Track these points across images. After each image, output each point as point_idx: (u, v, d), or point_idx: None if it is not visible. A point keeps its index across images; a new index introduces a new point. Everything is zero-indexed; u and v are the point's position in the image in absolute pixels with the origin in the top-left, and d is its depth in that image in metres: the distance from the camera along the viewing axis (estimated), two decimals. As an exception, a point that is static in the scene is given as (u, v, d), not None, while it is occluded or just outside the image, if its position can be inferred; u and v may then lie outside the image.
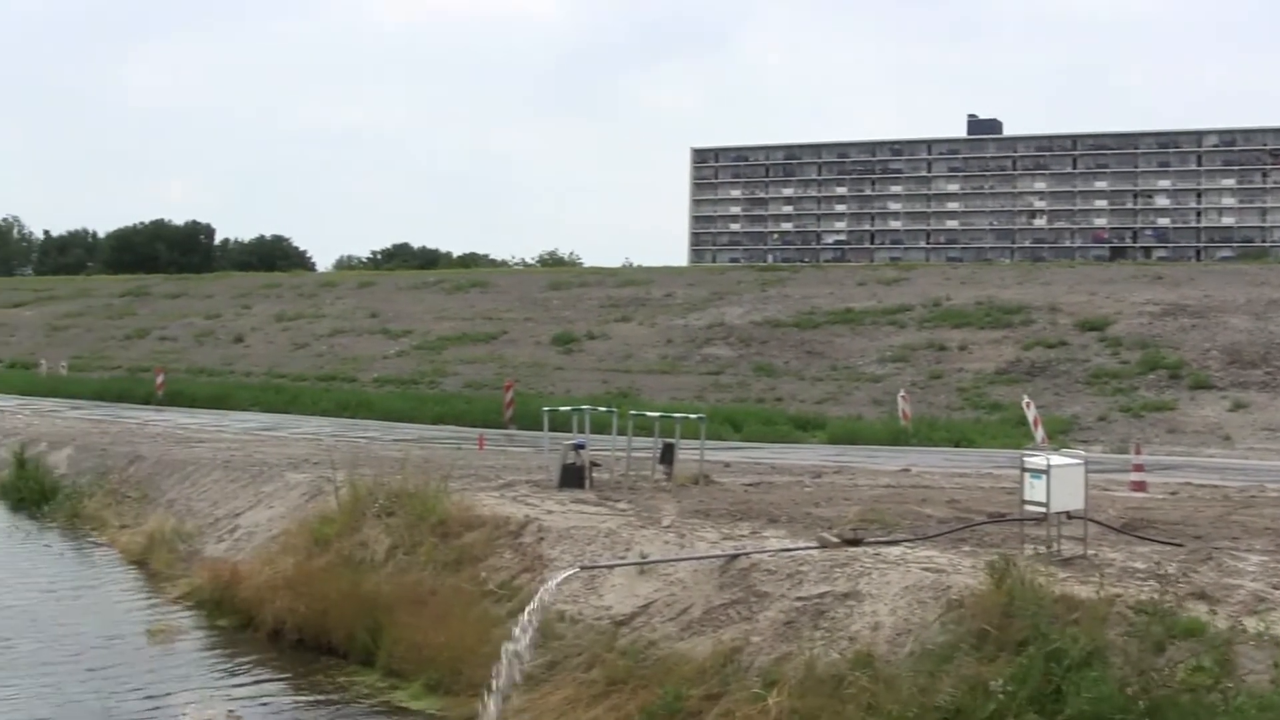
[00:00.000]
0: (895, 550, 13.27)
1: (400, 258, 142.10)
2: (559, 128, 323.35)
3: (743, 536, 14.62)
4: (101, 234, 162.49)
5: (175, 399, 49.48)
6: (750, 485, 20.27)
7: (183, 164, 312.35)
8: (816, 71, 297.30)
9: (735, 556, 13.27)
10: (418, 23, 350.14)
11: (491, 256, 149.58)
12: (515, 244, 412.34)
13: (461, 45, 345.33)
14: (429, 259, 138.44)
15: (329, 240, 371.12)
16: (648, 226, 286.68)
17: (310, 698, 14.13)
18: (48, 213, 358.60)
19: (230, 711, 12.69)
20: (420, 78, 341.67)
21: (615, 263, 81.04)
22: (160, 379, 51.64)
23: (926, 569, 12.17)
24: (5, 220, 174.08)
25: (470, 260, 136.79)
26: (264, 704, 13.90)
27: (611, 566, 13.94)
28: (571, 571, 13.54)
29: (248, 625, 16.84)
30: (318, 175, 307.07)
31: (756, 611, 12.24)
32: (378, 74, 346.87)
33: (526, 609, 12.61)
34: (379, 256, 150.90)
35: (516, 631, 12.27)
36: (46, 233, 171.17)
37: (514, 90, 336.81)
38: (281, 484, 21.87)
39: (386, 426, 38.62)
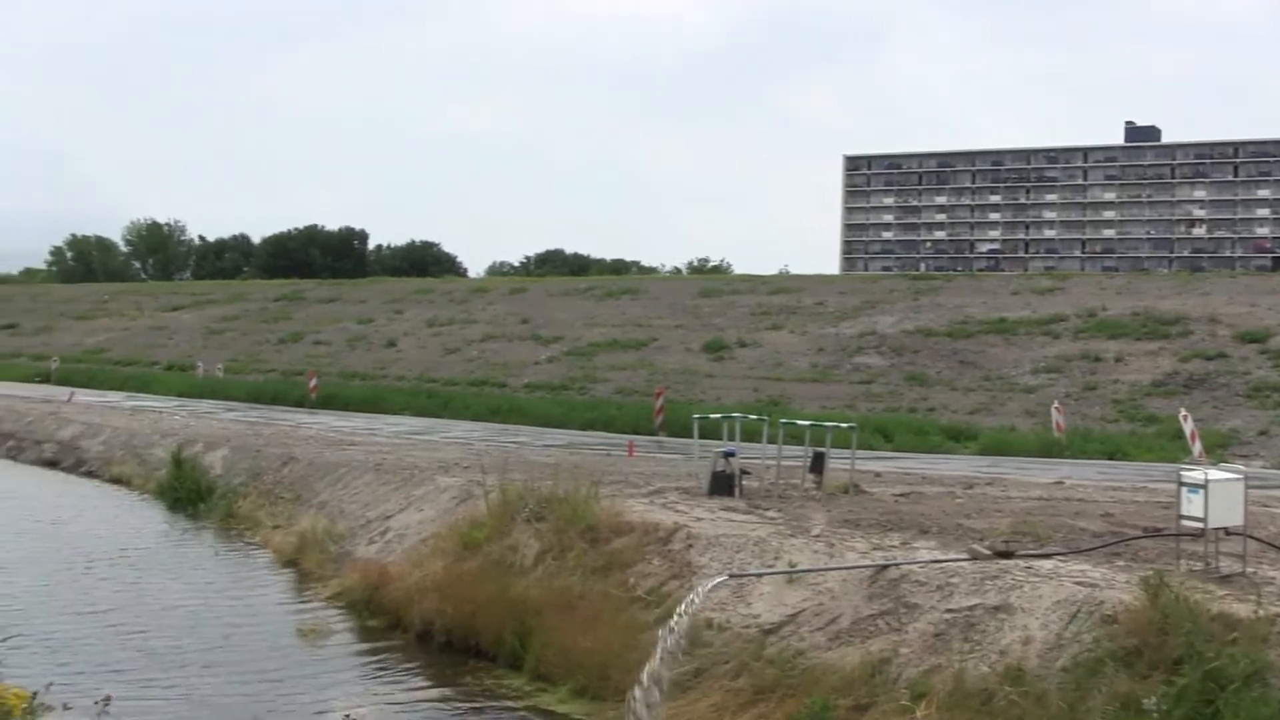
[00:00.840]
0: (1047, 564, 13.12)
1: (552, 264, 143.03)
2: (708, 133, 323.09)
3: (893, 547, 14.54)
4: (257, 239, 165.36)
5: (328, 402, 50.27)
6: (901, 495, 20.12)
7: (337, 170, 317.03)
8: (969, 77, 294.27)
9: (885, 567, 13.21)
10: (564, 26, 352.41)
11: (642, 263, 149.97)
12: (666, 251, 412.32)
13: (611, 48, 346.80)
14: (580, 265, 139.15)
15: (479, 246, 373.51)
16: (799, 234, 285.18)
17: (457, 699, 14.28)
18: (205, 218, 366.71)
19: (347, 716, 12.83)
20: (567, 82, 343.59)
21: (766, 270, 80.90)
22: (314, 382, 52.45)
23: (1079, 583, 12.01)
24: (166, 225, 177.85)
25: (621, 267, 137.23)
26: (412, 705, 14.07)
27: (760, 575, 13.93)
28: (720, 579, 13.54)
29: (397, 626, 17.06)
30: (468, 181, 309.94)
31: (906, 623, 12.18)
32: (525, 78, 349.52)
33: (674, 615, 12.66)
34: (531, 262, 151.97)
35: (664, 638, 12.32)
36: (203, 238, 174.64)
37: (661, 95, 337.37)
38: (432, 487, 22.11)
39: (537, 432, 38.88)
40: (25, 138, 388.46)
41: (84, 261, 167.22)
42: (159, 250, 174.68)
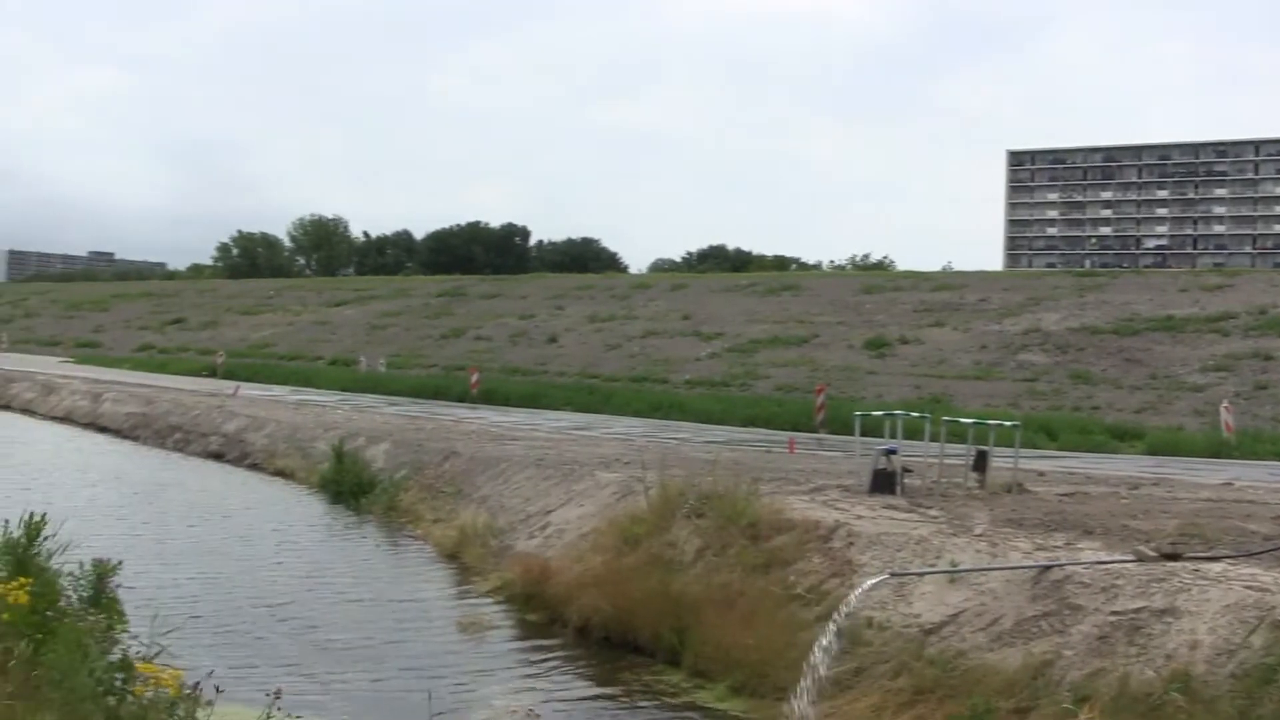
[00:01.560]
0: (1216, 567, 12.88)
1: (714, 260, 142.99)
2: (871, 128, 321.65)
3: (1056, 547, 14.38)
4: (419, 236, 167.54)
5: (489, 397, 50.81)
6: (1065, 495, 19.88)
7: (500, 167, 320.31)
8: (1135, 70, 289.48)
9: (1048, 568, 13.08)
10: (729, 21, 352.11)
11: (803, 259, 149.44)
12: (828, 247, 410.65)
13: (774, 44, 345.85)
14: (742, 261, 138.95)
15: (640, 242, 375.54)
16: (962, 230, 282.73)
17: (616, 695, 14.38)
18: (368, 215, 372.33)
19: (531, 711, 12.95)
20: (733, 77, 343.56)
21: (928, 266, 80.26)
22: (475, 377, 53.06)
23: (1250, 587, 11.79)
24: (331, 222, 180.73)
25: (783, 263, 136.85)
26: (570, 699, 14.20)
27: (921, 574, 13.87)
28: (881, 578, 13.52)
29: (556, 621, 17.21)
30: (631, 177, 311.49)
31: (1069, 625, 12.05)
32: (691, 74, 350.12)
33: (835, 614, 12.65)
34: (692, 258, 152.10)
35: (824, 636, 12.32)
36: (367, 234, 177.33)
37: (824, 90, 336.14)
38: (592, 483, 22.27)
39: (697, 428, 38.99)
40: (193, 136, 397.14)
41: (250, 258, 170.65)
42: (323, 246, 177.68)
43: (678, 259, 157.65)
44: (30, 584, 9.42)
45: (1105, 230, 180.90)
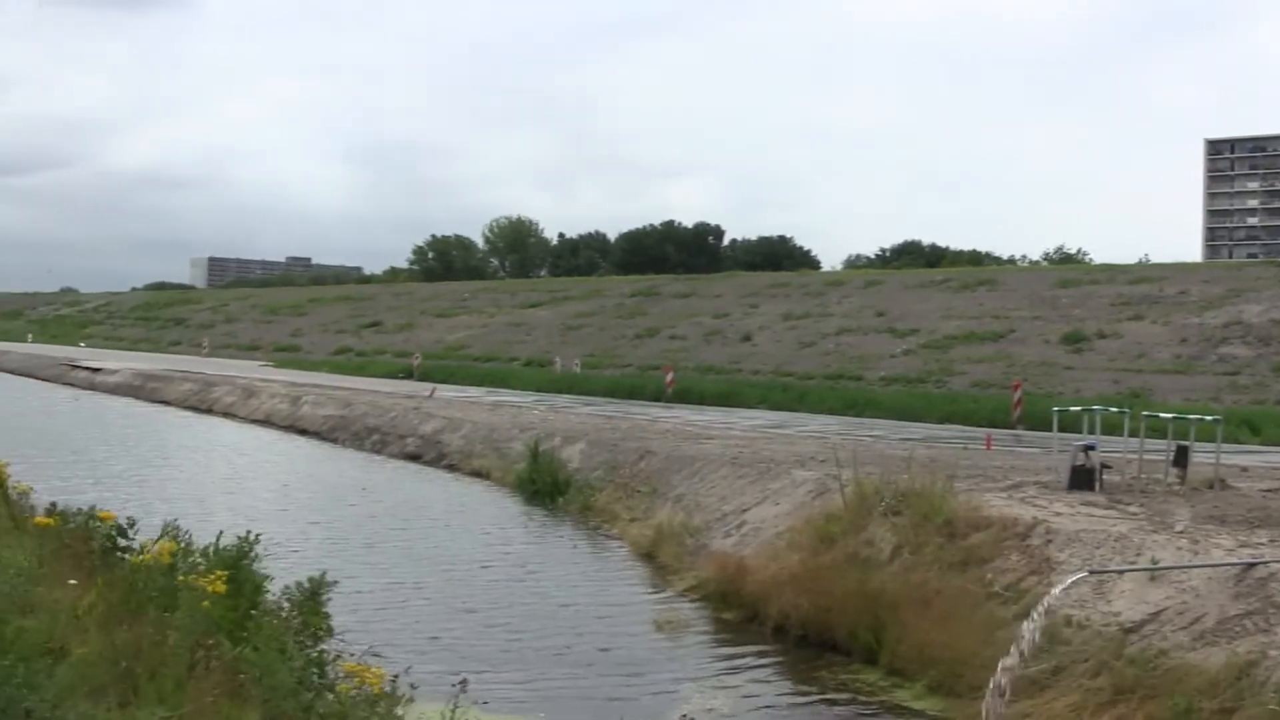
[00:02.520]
0: None
1: (908, 255, 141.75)
2: (1061, 121, 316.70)
3: (1260, 545, 14.18)
4: (612, 236, 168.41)
5: (684, 396, 51.11)
6: (1269, 491, 19.52)
7: (692, 166, 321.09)
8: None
9: (1252, 565, 12.91)
10: (922, 14, 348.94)
11: (997, 254, 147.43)
12: (1021, 241, 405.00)
13: (967, 36, 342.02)
14: (936, 257, 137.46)
15: (833, 239, 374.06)
16: (1159, 221, 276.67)
17: (812, 693, 14.47)
18: (562, 216, 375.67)
19: (684, 716, 13.07)
20: (920, 73, 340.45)
21: (1125, 259, 78.64)
22: (670, 376, 53.40)
23: None
24: (524, 223, 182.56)
25: (977, 258, 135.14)
26: (767, 698, 14.31)
27: (1121, 572, 13.76)
28: (1080, 575, 13.43)
29: (752, 619, 17.33)
30: (824, 174, 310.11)
31: (1275, 624, 11.87)
32: (879, 70, 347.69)
33: (1033, 612, 12.61)
34: (886, 254, 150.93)
35: (1022, 635, 12.29)
36: (561, 235, 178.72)
37: (1013, 82, 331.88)
38: (788, 481, 22.34)
39: (893, 425, 38.88)
40: (387, 140, 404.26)
41: (445, 260, 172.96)
42: (517, 248, 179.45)
43: (871, 255, 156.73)
44: (226, 576, 9.77)
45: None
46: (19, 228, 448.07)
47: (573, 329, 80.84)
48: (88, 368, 74.36)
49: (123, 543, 10.53)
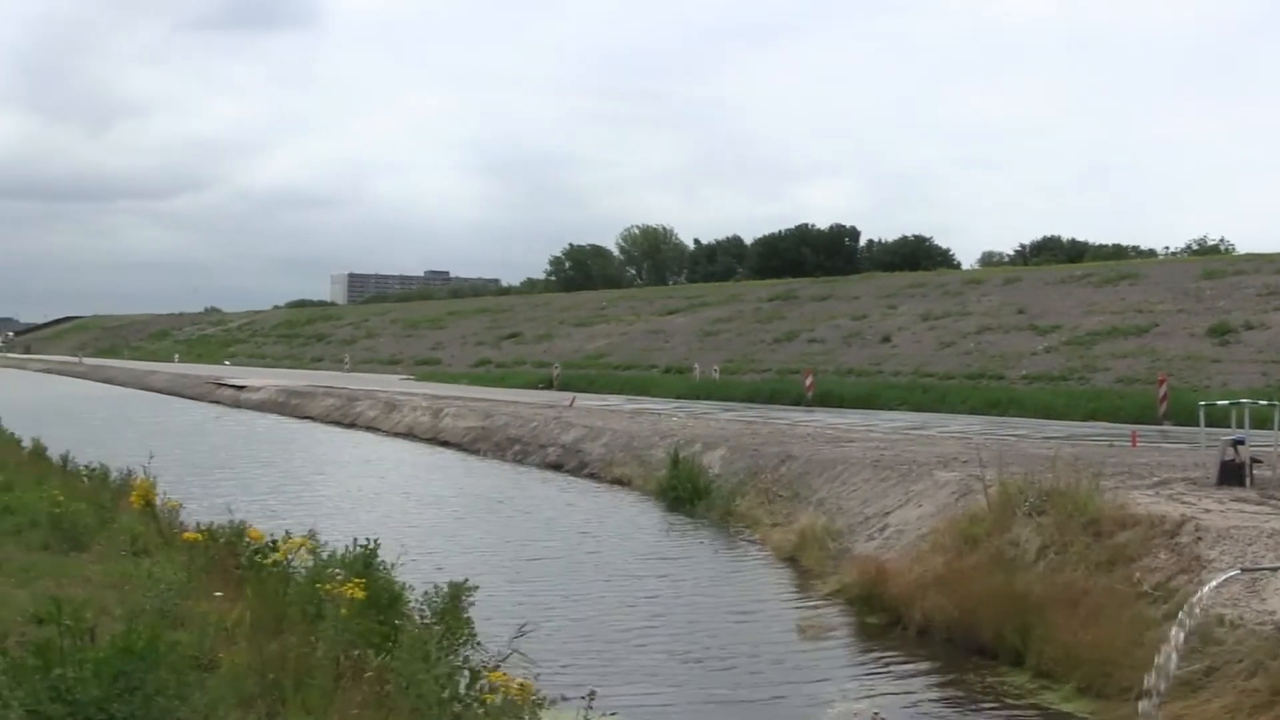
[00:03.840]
0: None
1: (1048, 251, 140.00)
2: (1205, 110, 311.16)
3: None
4: (748, 241, 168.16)
5: (824, 399, 51.00)
6: None
7: (828, 166, 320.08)
8: None
9: None
10: (1054, 7, 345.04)
11: (1139, 247, 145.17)
12: (1162, 232, 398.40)
13: (1101, 29, 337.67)
14: (1076, 252, 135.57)
15: (972, 237, 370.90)
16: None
17: (958, 697, 14.34)
18: (697, 222, 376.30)
19: (876, 714, 12.98)
20: (1059, 65, 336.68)
21: (1269, 248, 76.86)
22: (809, 380, 53.27)
23: None
24: (659, 230, 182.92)
25: (1118, 252, 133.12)
26: (912, 701, 14.20)
27: (1275, 569, 13.49)
28: (1231, 573, 13.18)
29: (896, 623, 17.20)
30: (961, 170, 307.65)
31: None
32: (1015, 65, 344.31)
33: (1183, 612, 12.40)
34: (1025, 251, 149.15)
35: (1173, 635, 12.10)
36: (697, 241, 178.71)
37: (1155, 72, 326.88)
38: (930, 482, 22.19)
39: (1036, 424, 38.47)
40: (522, 151, 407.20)
41: (582, 270, 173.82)
42: (653, 255, 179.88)
43: (1008, 253, 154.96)
44: (363, 584, 9.90)
45: None
46: (164, 250, 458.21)
47: (711, 335, 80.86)
48: (233, 385, 75.83)
49: (268, 557, 10.71)
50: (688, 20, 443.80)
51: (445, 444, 44.91)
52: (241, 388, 73.89)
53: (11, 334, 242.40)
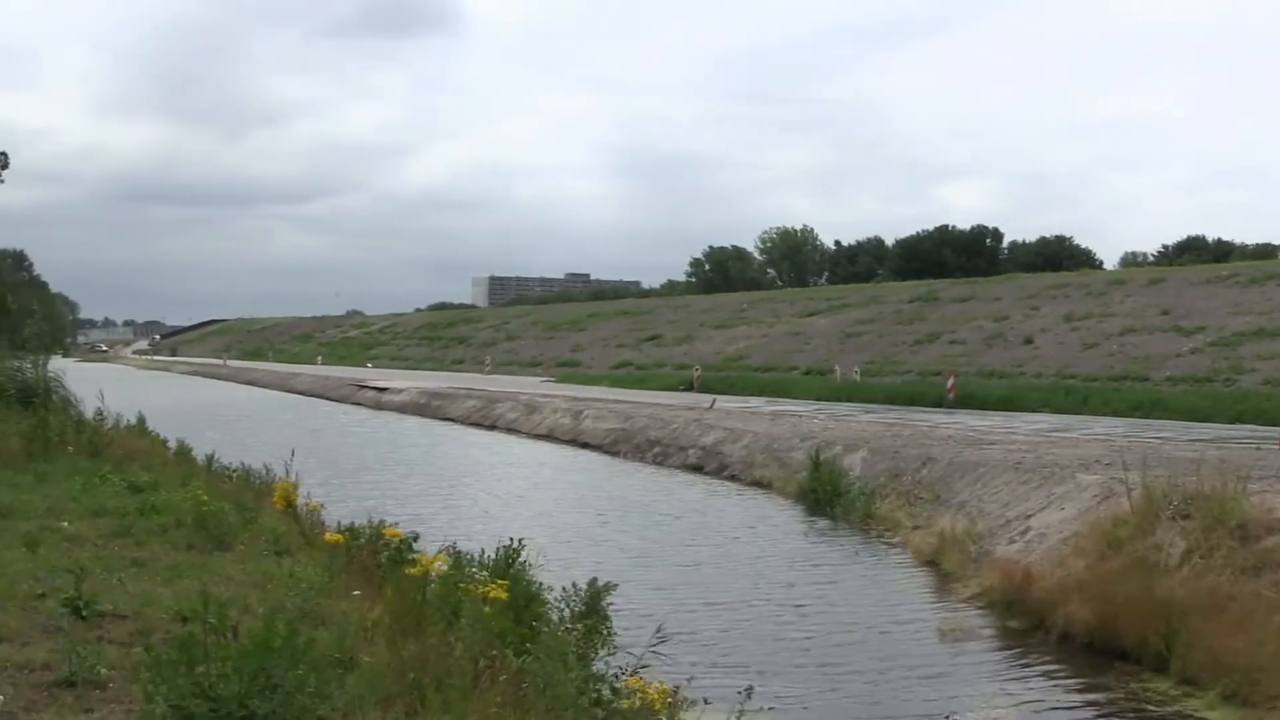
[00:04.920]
0: None
1: (1193, 251, 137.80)
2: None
3: None
4: (889, 242, 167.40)
5: (965, 401, 50.57)
6: None
7: (969, 167, 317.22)
8: None
9: None
10: (1194, 5, 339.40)
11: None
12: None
13: (1246, 24, 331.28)
14: (1221, 252, 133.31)
15: (1114, 237, 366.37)
16: None
17: (1099, 703, 14.12)
18: (836, 223, 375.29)
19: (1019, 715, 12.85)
20: (1204, 62, 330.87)
21: None
22: (950, 382, 52.89)
23: None
24: (799, 231, 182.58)
25: (1265, 251, 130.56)
26: (1053, 707, 14.02)
27: None
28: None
29: (1038, 627, 17.00)
30: (1105, 170, 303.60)
31: None
32: (1157, 61, 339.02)
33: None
34: (1169, 251, 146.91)
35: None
36: (838, 242, 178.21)
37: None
38: (1072, 485, 21.90)
39: (1181, 427, 37.83)
40: (660, 154, 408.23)
41: (721, 272, 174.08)
42: (792, 257, 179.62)
43: (1152, 253, 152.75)
44: (505, 585, 9.96)
45: None
46: (306, 254, 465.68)
47: (852, 336, 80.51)
48: (375, 388, 76.76)
49: (406, 555, 10.81)
50: (824, 21, 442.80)
51: (585, 446, 45.08)
52: (383, 390, 74.76)
53: (158, 337, 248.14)
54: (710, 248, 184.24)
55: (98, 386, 28.41)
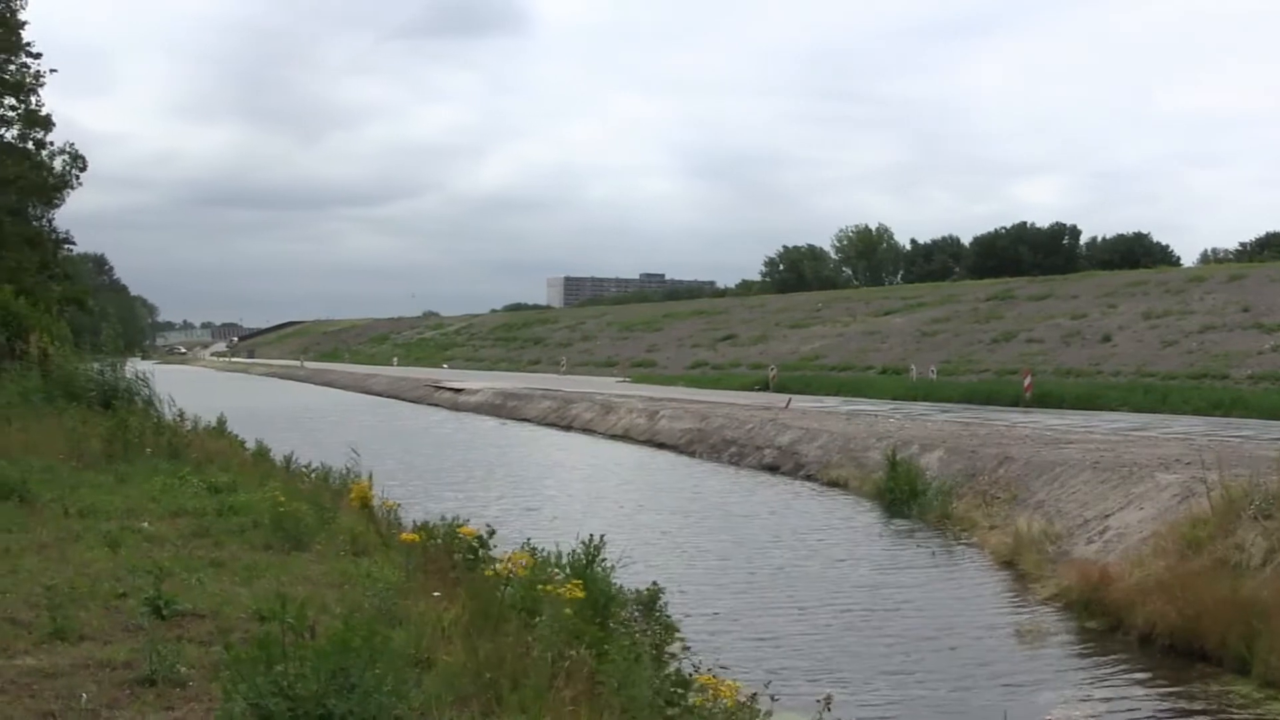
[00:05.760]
0: None
1: (1273, 248, 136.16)
2: None
3: None
4: (965, 240, 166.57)
5: (1042, 400, 50.34)
6: None
7: (1045, 164, 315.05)
8: None
9: None
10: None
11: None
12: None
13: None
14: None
15: (1192, 233, 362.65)
16: None
17: (1179, 706, 13.96)
18: (911, 221, 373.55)
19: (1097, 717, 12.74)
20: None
21: None
22: (1027, 381, 52.65)
23: None
24: (875, 231, 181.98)
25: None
26: (1131, 710, 13.88)
27: None
28: None
29: (1117, 628, 16.84)
30: (1176, 167, 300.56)
31: None
32: (1234, 55, 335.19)
33: None
34: (1249, 248, 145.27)
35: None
36: (914, 241, 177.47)
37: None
38: (1151, 485, 21.71)
39: (1262, 425, 37.49)
40: (732, 152, 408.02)
41: (796, 271, 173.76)
42: (868, 256, 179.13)
43: (1230, 250, 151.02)
44: (581, 585, 9.98)
45: None
46: (380, 255, 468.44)
47: (928, 335, 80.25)
48: (451, 388, 77.14)
49: (482, 554, 10.85)
50: (894, 17, 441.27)
51: (661, 446, 45.10)
52: (459, 390, 75.12)
53: (235, 339, 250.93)
54: (785, 247, 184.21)
55: (176, 388, 28.72)
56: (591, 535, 13.70)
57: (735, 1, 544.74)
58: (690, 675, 9.55)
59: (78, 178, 53.21)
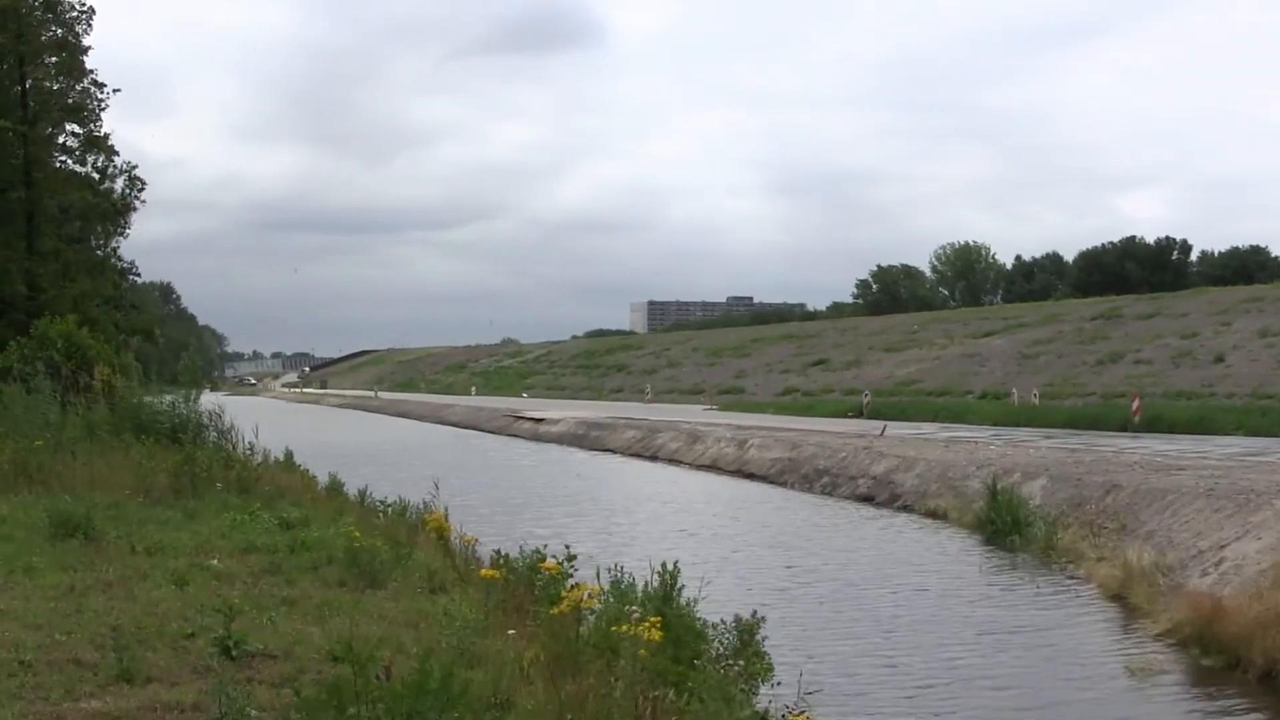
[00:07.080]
0: None
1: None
2: None
3: None
4: (1068, 257, 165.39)
5: (1152, 424, 49.81)
6: None
7: (1153, 176, 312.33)
8: None
9: None
10: None
11: None
12: None
13: None
14: None
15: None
16: None
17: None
18: (1012, 238, 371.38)
19: None
20: None
21: None
22: (1136, 404, 52.11)
23: None
24: (973, 248, 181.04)
25: None
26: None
27: None
28: None
29: (1235, 665, 16.58)
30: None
31: None
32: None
33: None
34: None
35: None
36: (1018, 257, 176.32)
37: None
38: (1270, 513, 21.41)
39: (1391, 448, 36.99)
40: (819, 169, 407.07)
41: (890, 292, 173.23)
42: (966, 275, 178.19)
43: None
44: (659, 623, 9.95)
45: None
46: (456, 281, 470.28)
47: (1029, 357, 79.67)
48: (531, 418, 77.34)
49: (559, 591, 10.85)
50: (983, 25, 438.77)
51: (750, 476, 45.02)
52: (540, 420, 75.33)
53: (307, 369, 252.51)
54: (878, 266, 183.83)
55: (245, 421, 28.95)
56: (665, 563, 13.68)
57: (812, 10, 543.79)
58: (784, 716, 9.51)
59: (138, 198, 53.58)
